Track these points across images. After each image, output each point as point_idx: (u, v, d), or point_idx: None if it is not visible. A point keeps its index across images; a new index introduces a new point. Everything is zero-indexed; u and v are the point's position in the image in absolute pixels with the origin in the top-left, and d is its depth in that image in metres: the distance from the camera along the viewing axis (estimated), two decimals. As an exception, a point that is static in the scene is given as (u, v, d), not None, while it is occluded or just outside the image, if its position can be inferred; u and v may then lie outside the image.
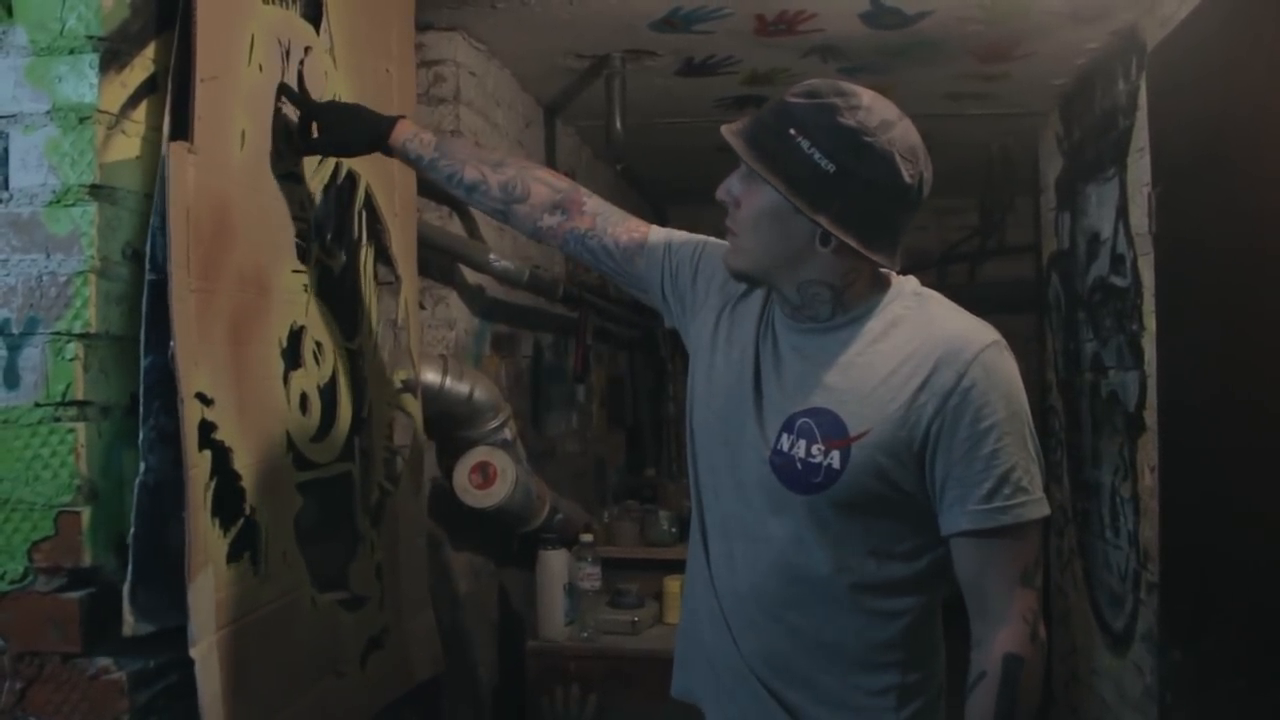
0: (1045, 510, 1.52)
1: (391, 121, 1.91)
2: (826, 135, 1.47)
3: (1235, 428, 2.23)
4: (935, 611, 1.62)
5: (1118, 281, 3.18)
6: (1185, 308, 2.57)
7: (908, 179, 1.49)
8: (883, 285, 1.60)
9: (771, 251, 1.55)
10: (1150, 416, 2.87)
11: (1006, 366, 1.52)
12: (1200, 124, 2.44)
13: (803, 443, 1.54)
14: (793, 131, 1.48)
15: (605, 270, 1.88)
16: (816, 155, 1.46)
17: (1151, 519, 2.84)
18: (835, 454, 1.52)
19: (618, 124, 3.42)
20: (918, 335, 1.54)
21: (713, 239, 1.81)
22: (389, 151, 1.91)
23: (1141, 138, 2.92)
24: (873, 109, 1.48)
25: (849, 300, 1.57)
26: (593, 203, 1.88)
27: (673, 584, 3.47)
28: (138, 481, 1.50)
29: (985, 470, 1.49)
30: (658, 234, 1.86)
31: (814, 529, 1.55)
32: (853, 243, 1.48)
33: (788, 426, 1.56)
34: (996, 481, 1.48)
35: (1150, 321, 2.85)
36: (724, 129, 1.55)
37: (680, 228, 1.91)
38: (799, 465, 1.54)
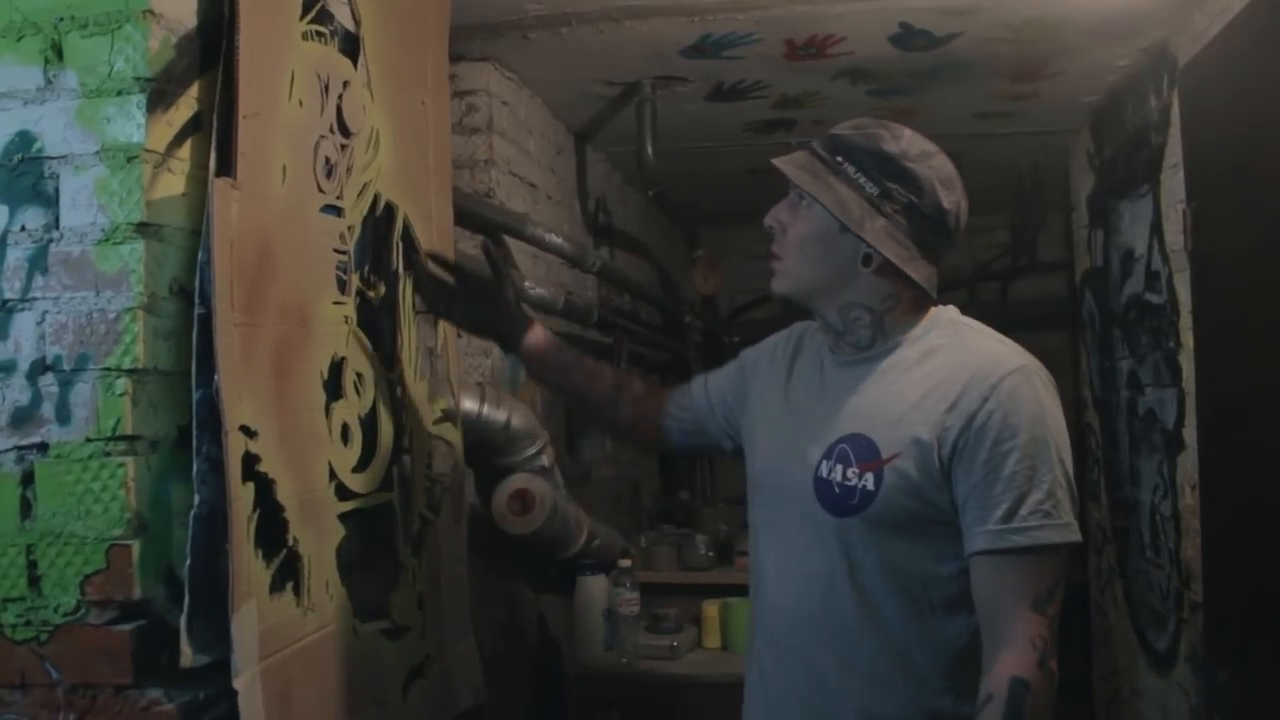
0: (1068, 536, 1.52)
1: (529, 322, 2.08)
2: (871, 160, 1.58)
3: (1278, 443, 2.21)
4: None
5: (1153, 299, 3.17)
6: (1224, 324, 2.56)
7: (946, 205, 1.59)
8: (921, 314, 1.65)
9: (816, 273, 1.64)
10: (1190, 434, 2.85)
11: (1033, 391, 1.54)
12: (1235, 140, 2.43)
13: (840, 467, 1.59)
14: (840, 158, 1.60)
15: (699, 441, 2.01)
16: (862, 179, 1.58)
17: (1193, 537, 2.82)
18: (869, 476, 1.56)
19: (649, 150, 3.44)
20: (951, 361, 1.58)
21: (746, 351, 1.94)
22: (517, 348, 2.07)
23: (1174, 154, 2.91)
24: (914, 140, 1.60)
25: (888, 326, 1.63)
26: (673, 389, 2.04)
27: (710, 609, 3.47)
28: (191, 514, 1.52)
29: (1004, 492, 1.50)
30: (697, 378, 2.01)
31: (856, 551, 1.58)
32: (893, 259, 1.56)
33: (827, 454, 1.61)
34: (1014, 503, 1.50)
35: (1188, 338, 2.83)
36: (775, 160, 1.65)
37: (712, 250, 2.05)
38: (836, 489, 1.59)
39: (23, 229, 1.56)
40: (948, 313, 1.67)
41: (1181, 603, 2.97)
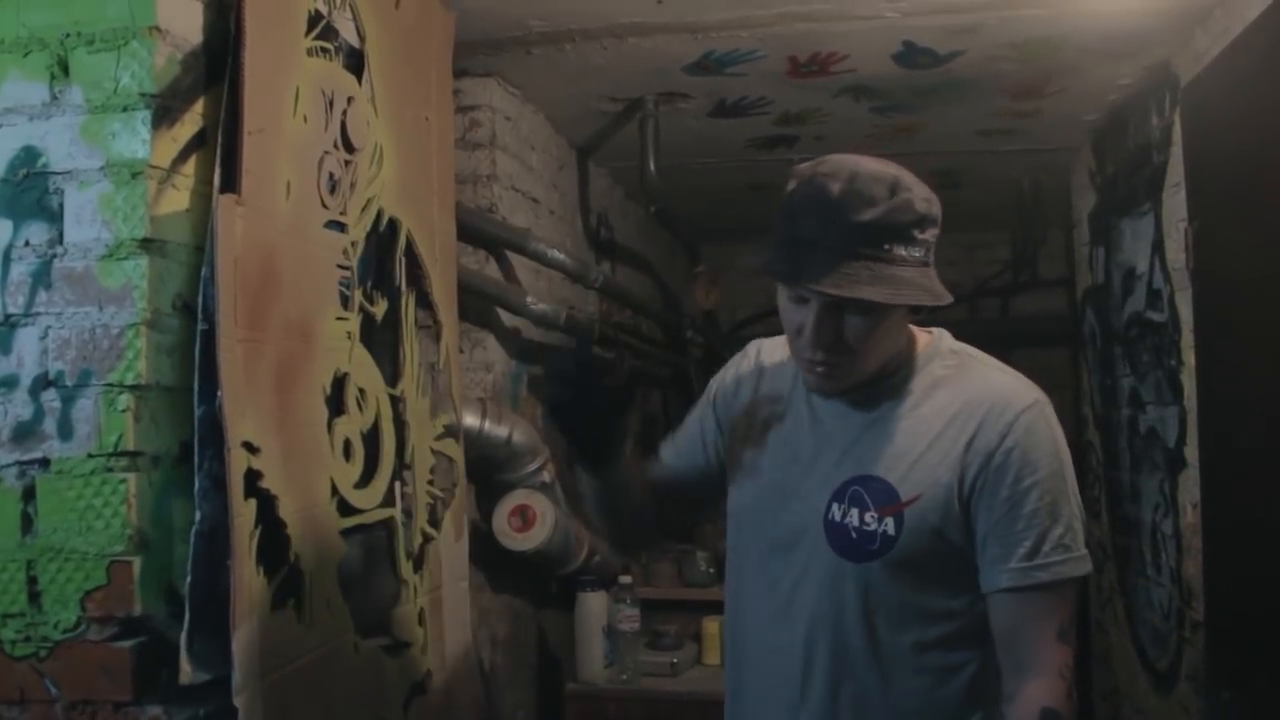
0: (1086, 568, 1.52)
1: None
2: (913, 227, 1.46)
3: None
4: (995, 661, 1.59)
5: (1154, 317, 3.17)
6: (1226, 343, 2.56)
7: (939, 221, 1.52)
8: (917, 341, 1.61)
9: (887, 353, 1.55)
10: (1191, 453, 2.84)
11: (1049, 426, 1.53)
12: (1237, 159, 2.43)
13: (855, 511, 1.54)
14: (886, 246, 1.44)
15: (697, 487, 1.82)
16: (914, 251, 1.46)
17: (1194, 556, 2.81)
18: (889, 520, 1.52)
19: (651, 165, 3.44)
20: (960, 395, 1.55)
21: (712, 383, 1.79)
22: None
23: (1176, 173, 2.91)
24: (916, 182, 1.49)
25: (891, 358, 1.57)
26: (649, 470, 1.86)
27: (711, 625, 3.46)
28: (193, 530, 1.52)
29: (1026, 529, 1.49)
30: (664, 449, 1.84)
31: (873, 594, 1.54)
32: (950, 299, 1.48)
33: (838, 496, 1.56)
34: (1037, 539, 1.49)
35: (1189, 357, 2.83)
36: (841, 292, 1.43)
37: (712, 265, 1.93)
38: (853, 534, 1.54)
39: (27, 244, 1.57)
40: (945, 340, 1.62)
41: (1183, 621, 2.96)
